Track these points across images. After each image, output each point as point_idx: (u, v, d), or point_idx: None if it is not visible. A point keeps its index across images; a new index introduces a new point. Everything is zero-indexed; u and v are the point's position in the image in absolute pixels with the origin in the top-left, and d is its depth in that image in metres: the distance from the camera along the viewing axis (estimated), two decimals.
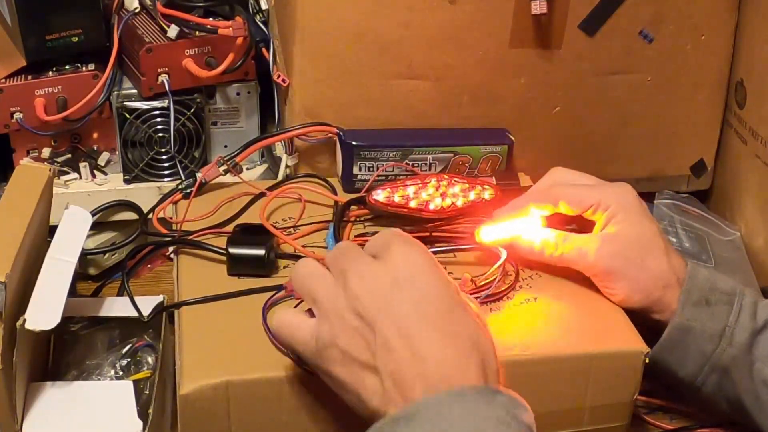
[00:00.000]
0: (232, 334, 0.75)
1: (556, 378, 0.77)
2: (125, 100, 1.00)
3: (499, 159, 0.98)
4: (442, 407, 0.57)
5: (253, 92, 1.05)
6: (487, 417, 0.57)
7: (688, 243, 1.03)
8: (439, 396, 0.57)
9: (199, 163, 1.03)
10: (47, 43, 0.96)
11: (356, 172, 0.96)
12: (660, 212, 1.06)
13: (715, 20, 1.03)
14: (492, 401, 0.58)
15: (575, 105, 1.03)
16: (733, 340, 0.79)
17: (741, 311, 0.79)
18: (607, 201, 0.82)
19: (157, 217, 0.93)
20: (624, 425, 0.81)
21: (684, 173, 1.11)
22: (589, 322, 0.80)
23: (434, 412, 0.56)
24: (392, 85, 0.97)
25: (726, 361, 0.79)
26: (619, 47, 1.01)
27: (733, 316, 0.79)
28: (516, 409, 0.59)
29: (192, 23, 0.99)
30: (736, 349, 0.79)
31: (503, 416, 0.57)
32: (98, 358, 0.82)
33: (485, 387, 0.59)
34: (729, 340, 0.79)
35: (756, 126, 1.03)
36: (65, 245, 0.77)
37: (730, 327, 0.79)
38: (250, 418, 0.72)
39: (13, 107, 0.96)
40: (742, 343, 0.79)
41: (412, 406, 0.57)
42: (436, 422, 0.56)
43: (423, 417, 0.56)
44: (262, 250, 0.82)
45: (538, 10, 0.95)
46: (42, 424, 0.73)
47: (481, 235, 0.84)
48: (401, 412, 0.57)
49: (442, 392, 0.57)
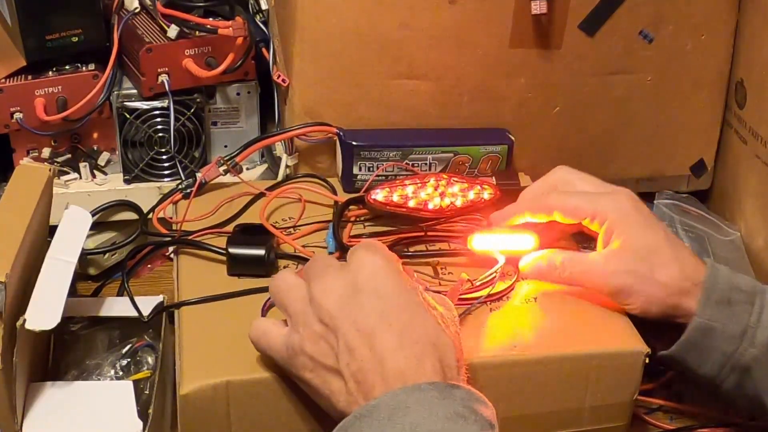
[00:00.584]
0: (232, 334, 0.75)
1: (556, 378, 0.77)
2: (125, 100, 1.00)
3: (499, 159, 0.98)
4: (399, 402, 0.59)
5: (253, 92, 1.05)
6: (443, 410, 0.59)
7: (688, 243, 1.02)
8: (396, 392, 0.60)
9: (199, 163, 1.03)
10: (47, 43, 0.96)
11: (356, 172, 0.96)
12: (660, 212, 1.06)
13: (715, 20, 1.03)
14: (448, 395, 0.60)
15: (575, 105, 1.03)
16: (755, 340, 0.78)
17: (763, 310, 0.78)
18: (604, 212, 0.81)
19: (157, 217, 0.93)
20: (624, 425, 0.81)
21: (684, 173, 1.11)
22: (589, 322, 0.80)
23: (391, 407, 0.59)
24: (392, 85, 0.97)
25: (747, 361, 0.78)
26: (619, 47, 1.01)
27: (754, 316, 0.78)
28: (474, 403, 0.60)
29: (192, 23, 0.99)
30: (758, 349, 0.78)
31: (460, 410, 0.59)
32: (98, 358, 0.82)
33: (442, 383, 0.61)
34: (750, 340, 0.78)
35: (756, 126, 1.03)
36: (65, 245, 0.77)
37: (752, 327, 0.78)
38: (250, 418, 0.72)
39: (13, 107, 0.96)
40: (763, 343, 0.78)
41: (370, 403, 0.60)
42: (393, 417, 0.58)
43: (380, 413, 0.59)
44: (263, 250, 0.82)
45: (538, 10, 0.95)
46: (42, 424, 0.73)
47: (473, 244, 0.84)
48: (361, 410, 0.60)
49: (398, 389, 0.60)
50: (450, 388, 0.60)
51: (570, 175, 0.86)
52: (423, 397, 0.59)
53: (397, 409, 0.59)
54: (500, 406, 0.76)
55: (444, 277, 0.83)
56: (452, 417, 0.59)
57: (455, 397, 0.60)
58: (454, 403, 0.59)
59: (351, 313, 0.63)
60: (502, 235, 0.85)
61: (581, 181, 0.86)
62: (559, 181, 0.86)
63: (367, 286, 0.64)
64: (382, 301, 0.63)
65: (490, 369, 0.75)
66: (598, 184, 0.85)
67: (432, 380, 0.61)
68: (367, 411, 0.59)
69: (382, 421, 0.58)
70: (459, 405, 0.59)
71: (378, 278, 0.64)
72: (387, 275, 0.65)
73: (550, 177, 0.87)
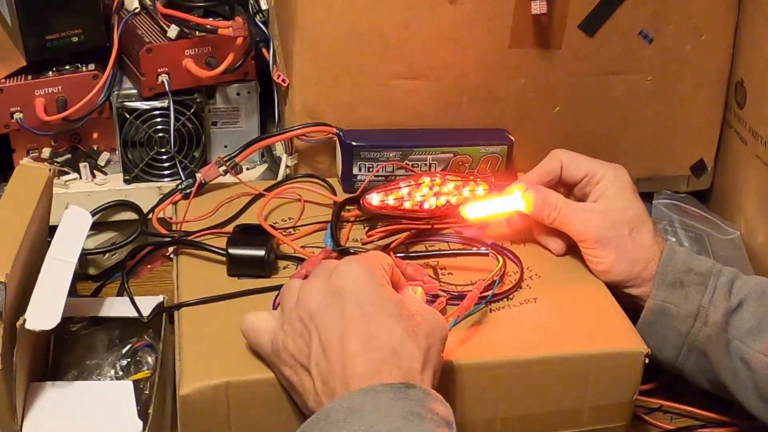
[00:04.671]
0: (232, 335, 0.75)
1: (556, 378, 0.77)
2: (125, 100, 1.00)
3: (499, 159, 0.98)
4: (354, 404, 0.61)
5: (253, 92, 1.05)
6: (399, 410, 0.60)
7: (687, 242, 1.03)
8: (351, 395, 0.62)
9: (199, 163, 1.03)
10: (47, 43, 0.96)
11: (356, 173, 0.96)
12: (659, 212, 1.06)
13: (715, 20, 1.03)
14: (403, 396, 0.62)
15: (575, 105, 1.03)
16: (708, 320, 0.82)
17: (716, 291, 0.82)
18: (604, 172, 0.87)
19: (157, 218, 0.93)
20: (624, 425, 0.81)
21: (684, 173, 1.11)
22: (589, 322, 0.80)
23: (346, 409, 0.61)
24: (392, 85, 0.97)
25: (702, 341, 0.82)
26: (619, 47, 1.01)
27: (707, 297, 0.82)
28: (431, 402, 0.62)
29: (192, 23, 0.99)
30: (711, 328, 0.82)
31: (416, 409, 0.61)
32: (98, 358, 0.82)
33: (397, 384, 0.62)
34: (704, 320, 0.82)
35: (756, 126, 1.03)
36: (65, 245, 0.77)
37: (704, 307, 0.82)
38: (250, 418, 0.72)
39: (13, 107, 0.96)
40: (717, 323, 0.81)
41: (326, 407, 0.62)
42: (348, 419, 0.60)
43: (337, 415, 0.61)
44: (262, 251, 0.82)
45: (538, 10, 0.95)
46: (42, 424, 0.73)
47: (466, 213, 0.87)
48: (318, 414, 0.62)
49: (354, 391, 0.62)
50: (405, 389, 0.62)
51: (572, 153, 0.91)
52: (378, 399, 0.61)
53: (352, 411, 0.61)
54: (500, 406, 0.77)
55: (444, 278, 0.83)
56: (407, 416, 0.60)
57: (410, 397, 0.62)
58: (409, 403, 0.61)
59: (327, 316, 0.66)
60: (492, 200, 0.88)
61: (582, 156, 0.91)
62: (563, 153, 0.90)
63: (347, 291, 0.67)
64: (357, 308, 0.66)
65: (490, 369, 0.75)
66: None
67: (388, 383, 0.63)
68: (324, 414, 0.62)
69: (338, 424, 0.60)
70: (415, 405, 0.61)
71: (358, 286, 0.67)
72: (367, 285, 0.67)
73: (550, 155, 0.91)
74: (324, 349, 0.65)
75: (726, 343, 0.81)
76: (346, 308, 0.66)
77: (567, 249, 0.88)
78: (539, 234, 0.89)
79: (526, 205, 0.87)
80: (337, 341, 0.64)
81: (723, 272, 0.83)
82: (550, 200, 0.86)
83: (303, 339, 0.67)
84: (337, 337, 0.65)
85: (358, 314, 0.65)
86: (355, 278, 0.68)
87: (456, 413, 0.64)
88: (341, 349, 0.64)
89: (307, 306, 0.67)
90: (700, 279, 0.83)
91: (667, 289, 0.83)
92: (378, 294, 0.67)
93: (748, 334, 0.80)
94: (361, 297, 0.66)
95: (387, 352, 0.64)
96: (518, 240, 0.90)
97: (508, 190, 0.89)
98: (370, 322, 0.65)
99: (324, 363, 0.65)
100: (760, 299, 0.81)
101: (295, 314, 0.68)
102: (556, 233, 0.88)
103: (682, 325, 0.83)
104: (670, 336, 0.83)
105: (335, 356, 0.64)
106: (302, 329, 0.67)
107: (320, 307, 0.67)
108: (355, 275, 0.68)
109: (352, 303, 0.66)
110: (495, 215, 0.88)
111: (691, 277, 0.83)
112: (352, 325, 0.65)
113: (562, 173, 0.89)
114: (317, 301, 0.67)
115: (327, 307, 0.66)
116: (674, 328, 0.83)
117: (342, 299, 0.66)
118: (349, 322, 0.65)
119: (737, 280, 0.83)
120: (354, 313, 0.65)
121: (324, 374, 0.64)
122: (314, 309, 0.67)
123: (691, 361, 0.84)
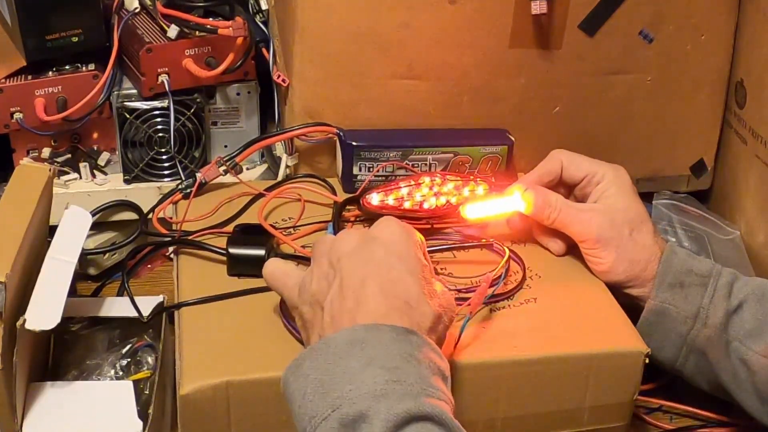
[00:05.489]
0: (232, 334, 0.75)
1: (556, 378, 0.77)
2: (125, 100, 1.00)
3: (499, 159, 0.98)
4: (356, 337, 0.63)
5: (253, 92, 1.05)
6: (398, 349, 0.62)
7: (687, 243, 1.03)
8: (356, 328, 0.64)
9: (199, 163, 1.03)
10: (47, 43, 0.96)
11: (356, 172, 0.96)
12: (658, 212, 1.06)
13: (715, 20, 1.03)
14: (405, 339, 0.63)
15: (575, 105, 1.03)
16: (708, 321, 0.82)
17: (715, 292, 0.82)
18: (604, 172, 0.87)
19: (157, 217, 0.93)
20: (624, 425, 0.81)
21: (684, 173, 1.11)
22: (589, 322, 0.80)
23: (348, 341, 0.63)
24: (392, 85, 0.97)
25: (702, 342, 0.82)
26: (619, 47, 1.01)
27: (707, 298, 0.82)
28: (430, 351, 0.63)
29: (192, 23, 0.98)
30: (711, 329, 0.82)
31: (415, 353, 0.63)
32: (98, 358, 0.82)
33: (400, 327, 0.64)
34: (704, 321, 0.82)
35: (756, 126, 1.03)
36: (65, 245, 0.77)
37: (704, 308, 0.82)
38: (250, 418, 0.72)
39: (13, 107, 0.96)
40: (716, 324, 0.81)
41: (329, 336, 0.64)
42: (350, 349, 0.62)
43: (336, 344, 0.63)
44: (263, 251, 0.82)
45: (538, 10, 0.95)
46: (42, 424, 0.73)
47: (466, 213, 0.87)
48: (321, 342, 0.64)
49: (359, 325, 0.64)
50: (407, 333, 0.64)
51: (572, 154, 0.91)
52: (380, 335, 0.63)
53: (354, 343, 0.62)
54: (500, 406, 0.77)
55: (443, 279, 0.83)
56: (406, 357, 0.62)
57: (411, 342, 0.63)
58: (409, 346, 0.63)
59: (354, 259, 0.68)
60: (492, 201, 0.88)
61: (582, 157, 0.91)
62: (563, 153, 0.90)
63: (381, 239, 0.69)
64: (386, 256, 0.68)
65: (490, 369, 0.75)
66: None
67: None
68: (324, 343, 0.63)
69: (338, 354, 0.62)
70: (414, 349, 0.63)
71: (394, 237, 0.70)
72: (401, 240, 0.70)
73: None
74: (342, 288, 0.66)
75: (726, 345, 0.81)
76: (375, 253, 0.68)
77: (567, 249, 0.88)
78: (539, 234, 0.89)
79: (526, 205, 0.87)
80: (358, 282, 0.66)
81: (723, 273, 0.83)
82: (550, 201, 0.86)
83: (326, 280, 0.68)
84: (359, 279, 0.66)
85: (384, 261, 0.67)
86: (392, 231, 0.70)
87: (456, 413, 0.64)
88: (359, 288, 0.66)
89: (339, 250, 0.69)
90: (700, 280, 0.83)
91: (667, 289, 0.83)
92: (409, 251, 0.69)
93: (748, 335, 0.80)
94: (393, 248, 0.68)
95: (402, 301, 0.66)
96: (518, 240, 0.90)
97: (508, 191, 0.89)
98: (392, 271, 0.67)
99: (338, 301, 0.66)
100: (759, 301, 0.81)
101: (325, 258, 0.69)
102: (556, 234, 0.88)
103: (681, 326, 0.83)
104: (670, 337, 0.83)
105: (351, 294, 0.66)
106: (328, 270, 0.69)
107: (352, 251, 0.68)
108: (393, 229, 0.71)
109: (383, 250, 0.68)
110: (495, 216, 0.89)
111: (691, 278, 0.83)
112: (376, 269, 0.67)
113: (562, 174, 0.89)
114: (351, 246, 0.69)
115: (359, 250, 0.68)
116: (674, 328, 0.83)
117: (374, 245, 0.68)
118: (374, 268, 0.67)
119: (737, 282, 0.83)
120: (382, 259, 0.67)
121: (335, 310, 0.66)
122: (345, 252, 0.68)
123: (691, 362, 0.84)
